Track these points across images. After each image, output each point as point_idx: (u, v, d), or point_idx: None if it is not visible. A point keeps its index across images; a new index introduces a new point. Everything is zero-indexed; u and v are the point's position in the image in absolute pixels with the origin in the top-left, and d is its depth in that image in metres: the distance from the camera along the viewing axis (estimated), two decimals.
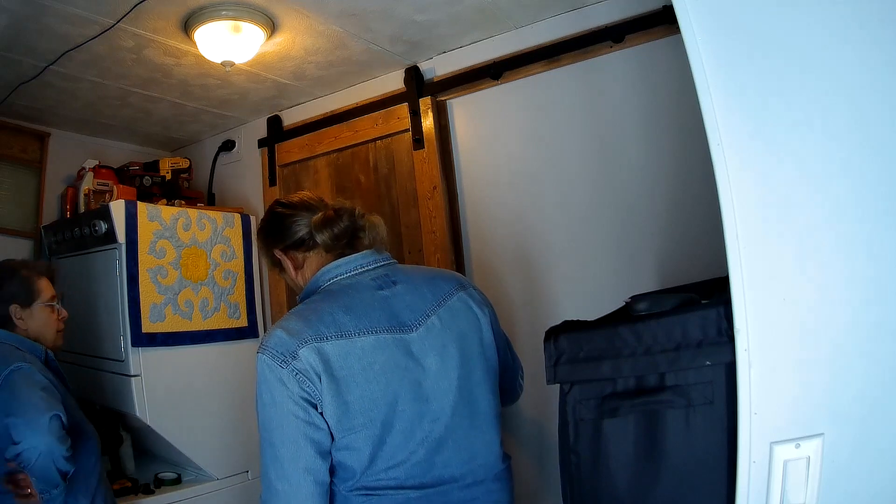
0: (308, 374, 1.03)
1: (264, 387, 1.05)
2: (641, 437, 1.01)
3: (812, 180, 0.80)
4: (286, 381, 1.03)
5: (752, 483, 0.81)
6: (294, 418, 1.02)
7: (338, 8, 1.77)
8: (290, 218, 1.23)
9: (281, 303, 2.55)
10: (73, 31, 1.75)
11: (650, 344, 1.01)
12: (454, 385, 1.13)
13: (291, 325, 1.07)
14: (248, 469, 2.32)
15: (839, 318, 0.79)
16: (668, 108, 1.74)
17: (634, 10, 1.77)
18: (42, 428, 1.33)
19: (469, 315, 1.20)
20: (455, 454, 1.11)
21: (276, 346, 1.05)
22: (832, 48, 0.79)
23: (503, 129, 2.07)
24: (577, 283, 1.90)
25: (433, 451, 1.09)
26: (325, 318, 1.08)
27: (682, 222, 1.73)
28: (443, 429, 1.10)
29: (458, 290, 1.22)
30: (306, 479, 1.01)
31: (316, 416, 1.03)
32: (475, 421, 1.15)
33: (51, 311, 1.67)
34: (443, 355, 1.13)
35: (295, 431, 1.02)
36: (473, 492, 1.12)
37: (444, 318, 1.16)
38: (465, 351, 1.16)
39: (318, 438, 1.03)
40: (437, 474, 1.09)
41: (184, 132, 2.80)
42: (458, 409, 1.12)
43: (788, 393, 0.81)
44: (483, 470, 1.14)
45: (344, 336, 1.07)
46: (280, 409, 1.03)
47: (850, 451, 0.79)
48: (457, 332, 1.16)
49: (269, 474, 1.03)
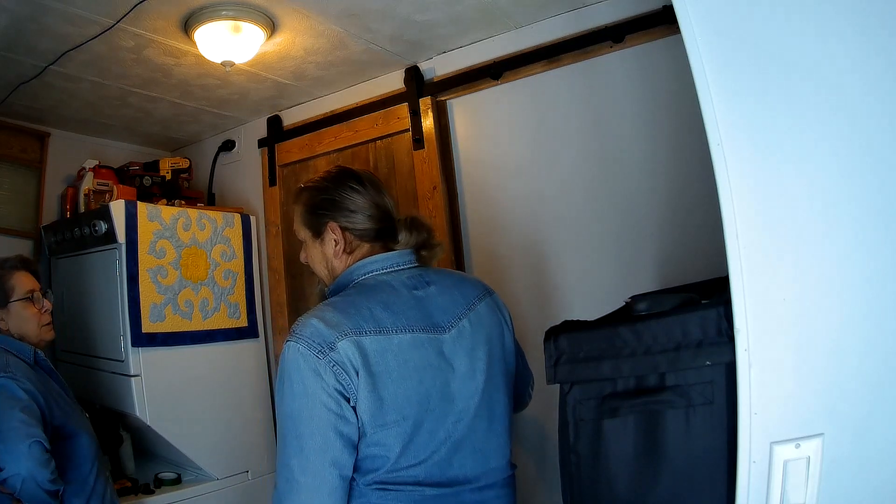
0: (345, 367, 1.01)
1: (296, 375, 1.01)
2: (641, 437, 1.01)
3: (812, 180, 0.80)
4: (322, 373, 1.00)
5: (752, 483, 0.81)
6: (326, 410, 1.00)
7: (338, 8, 1.77)
8: (368, 200, 1.20)
9: (281, 303, 2.55)
10: (73, 31, 1.75)
11: (650, 344, 1.01)
12: (480, 388, 1.14)
13: (329, 317, 1.05)
14: (248, 469, 2.32)
15: (839, 318, 0.79)
16: (668, 108, 1.74)
17: (634, 10, 1.77)
18: (22, 455, 1.32)
19: (494, 320, 1.22)
20: (471, 456, 1.12)
21: (313, 335, 1.02)
22: (833, 49, 0.79)
23: (503, 129, 2.07)
24: (577, 283, 1.90)
25: (453, 451, 1.10)
26: (364, 313, 1.07)
27: (681, 222, 1.73)
28: (464, 430, 1.11)
29: (485, 295, 1.23)
30: (332, 473, 1.00)
31: (348, 410, 1.01)
32: (492, 425, 1.16)
33: (30, 306, 1.61)
34: (471, 358, 1.14)
35: (325, 424, 1.00)
36: (485, 495, 1.13)
37: (474, 321, 1.17)
38: (491, 355, 1.18)
39: (348, 432, 1.01)
40: (453, 474, 1.10)
41: (184, 132, 2.80)
42: (480, 412, 1.13)
43: (788, 393, 0.81)
44: (495, 474, 1.15)
45: (382, 332, 1.06)
46: (312, 401, 1.00)
47: (850, 451, 0.79)
48: (484, 336, 1.18)
49: (292, 466, 1.00)
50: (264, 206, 2.63)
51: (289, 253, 2.55)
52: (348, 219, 1.19)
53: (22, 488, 1.32)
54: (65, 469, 1.47)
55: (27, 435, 1.35)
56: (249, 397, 2.42)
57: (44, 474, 1.34)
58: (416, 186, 2.19)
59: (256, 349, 2.50)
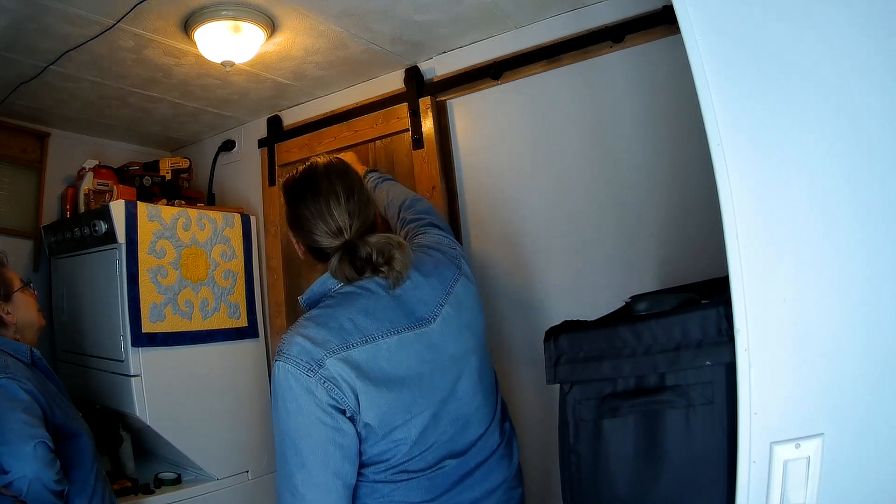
0: (337, 382, 1.02)
1: (289, 395, 1.03)
2: (641, 437, 1.01)
3: (812, 181, 0.80)
4: (314, 390, 1.02)
5: (752, 483, 0.81)
6: (322, 426, 1.02)
7: (338, 8, 1.77)
8: (318, 219, 1.13)
9: (280, 303, 2.55)
10: (73, 31, 1.75)
11: (650, 344, 1.01)
12: (474, 366, 1.18)
13: (313, 334, 1.05)
14: (247, 469, 2.32)
15: (839, 318, 0.79)
16: (668, 109, 1.74)
17: (634, 10, 1.77)
18: (27, 457, 1.31)
19: (471, 295, 1.24)
20: (476, 429, 1.18)
21: (300, 354, 1.03)
22: (833, 49, 0.80)
23: (503, 129, 2.07)
24: (577, 283, 1.90)
25: (460, 429, 1.15)
26: (346, 326, 1.07)
27: (682, 222, 1.73)
28: (468, 408, 1.17)
29: (459, 275, 1.24)
30: (336, 483, 1.03)
31: (344, 422, 1.03)
32: (486, 397, 1.22)
33: (29, 293, 1.65)
34: (459, 340, 1.17)
35: (324, 438, 1.02)
36: (489, 464, 1.19)
37: (454, 305, 1.19)
38: (474, 331, 1.22)
39: (346, 444, 1.04)
40: (460, 448, 1.15)
41: (184, 132, 2.80)
42: (475, 388, 1.19)
43: (788, 393, 0.81)
44: (497, 435, 1.23)
45: (369, 341, 1.07)
46: (308, 418, 1.02)
47: (850, 451, 0.79)
48: (466, 316, 1.20)
49: (295, 481, 1.02)
50: (264, 206, 2.63)
51: (287, 253, 2.55)
52: (304, 236, 1.16)
53: (28, 490, 1.31)
54: (67, 469, 1.46)
55: (31, 436, 1.34)
56: (249, 397, 2.42)
57: (49, 475, 1.33)
58: (415, 186, 2.18)
59: (256, 349, 2.50)
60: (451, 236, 1.37)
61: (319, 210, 1.13)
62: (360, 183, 1.21)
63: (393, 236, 1.14)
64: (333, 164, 1.22)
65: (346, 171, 1.21)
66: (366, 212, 1.16)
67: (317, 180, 1.17)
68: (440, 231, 1.36)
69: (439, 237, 1.34)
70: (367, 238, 1.12)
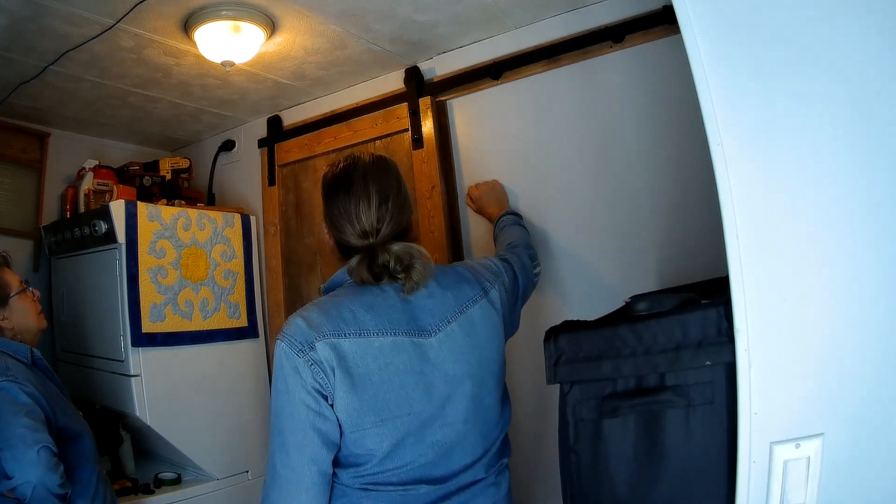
0: (322, 366, 1.04)
1: (280, 374, 1.06)
2: (641, 437, 1.01)
3: (812, 181, 0.80)
4: (300, 370, 1.04)
5: (752, 483, 0.81)
6: (304, 407, 1.04)
7: (338, 8, 1.77)
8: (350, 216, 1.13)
9: (278, 303, 2.55)
10: (73, 31, 1.75)
11: (650, 344, 1.01)
12: (468, 392, 1.13)
13: (312, 317, 1.08)
14: (247, 469, 2.32)
15: (839, 318, 0.79)
16: (668, 108, 1.74)
17: (634, 10, 1.77)
18: (31, 462, 1.31)
19: (489, 323, 1.20)
20: (462, 459, 1.13)
21: (295, 334, 1.06)
22: (833, 48, 0.79)
23: (503, 129, 2.07)
24: (577, 283, 1.90)
25: (442, 455, 1.11)
26: (346, 315, 1.08)
27: (682, 222, 1.73)
28: (454, 434, 1.12)
29: (481, 297, 1.21)
30: (310, 469, 1.03)
31: (326, 408, 1.04)
32: (484, 429, 1.16)
33: (27, 297, 1.64)
34: (459, 362, 1.13)
35: (304, 420, 1.04)
36: (473, 491, 1.14)
37: (464, 325, 1.16)
38: (483, 359, 1.17)
39: (326, 429, 1.04)
40: (440, 474, 1.11)
41: (184, 132, 2.80)
42: (469, 416, 1.13)
43: (788, 393, 0.81)
44: (483, 470, 1.16)
45: (363, 335, 1.07)
46: (292, 397, 1.04)
47: (850, 451, 0.79)
48: (476, 340, 1.16)
49: (275, 460, 1.05)
50: (264, 206, 2.63)
51: (287, 253, 2.55)
52: (335, 232, 1.17)
53: (32, 495, 1.30)
54: (69, 470, 1.46)
55: (34, 441, 1.34)
56: (249, 397, 2.42)
57: (53, 479, 1.33)
58: (415, 186, 2.19)
59: (256, 349, 2.50)
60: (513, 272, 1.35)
61: (349, 210, 1.13)
62: (400, 186, 1.19)
63: (416, 246, 1.13)
64: (375, 162, 1.20)
65: (386, 171, 1.19)
66: (398, 217, 1.14)
67: (353, 180, 1.15)
68: (501, 261, 1.36)
69: (489, 262, 1.33)
70: (389, 245, 1.12)
